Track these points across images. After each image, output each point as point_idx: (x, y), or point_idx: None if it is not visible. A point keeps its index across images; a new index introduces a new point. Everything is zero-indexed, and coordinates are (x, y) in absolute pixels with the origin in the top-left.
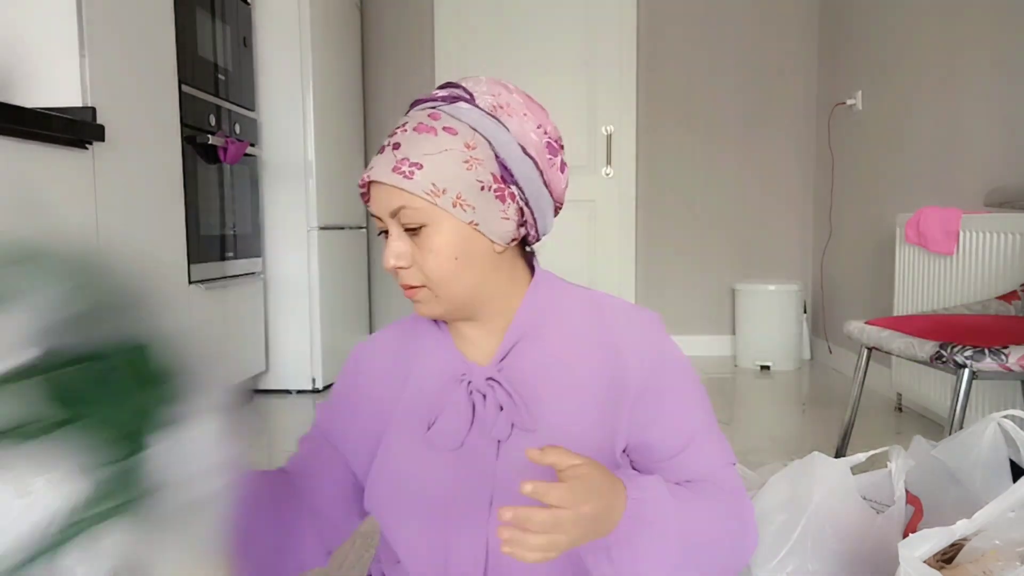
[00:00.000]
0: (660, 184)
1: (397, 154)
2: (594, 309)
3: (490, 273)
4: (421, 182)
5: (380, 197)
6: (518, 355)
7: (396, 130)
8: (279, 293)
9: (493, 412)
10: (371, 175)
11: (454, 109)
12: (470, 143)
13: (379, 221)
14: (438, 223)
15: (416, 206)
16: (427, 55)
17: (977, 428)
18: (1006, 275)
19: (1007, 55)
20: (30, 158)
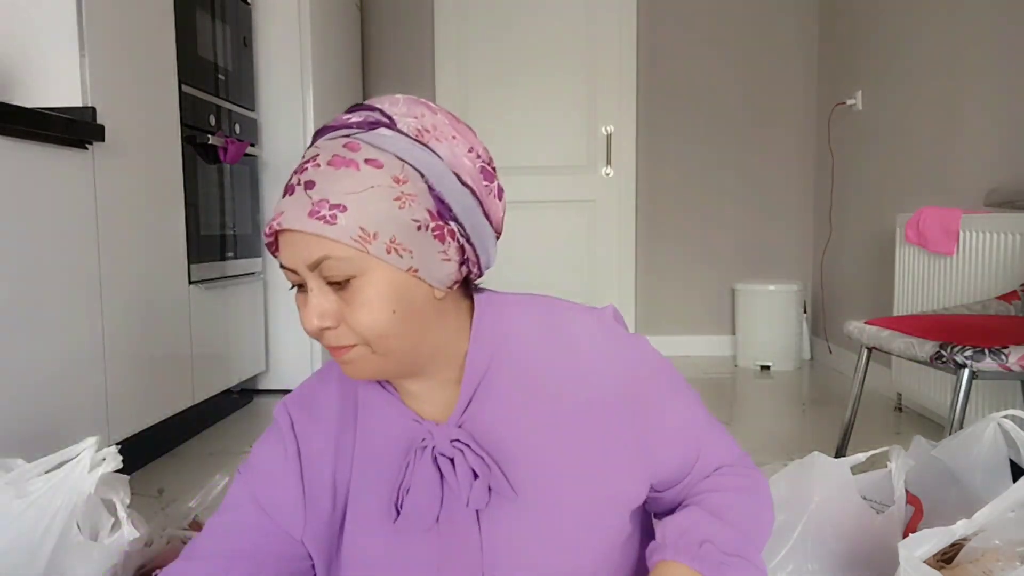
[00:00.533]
0: (660, 184)
1: (312, 195)
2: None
3: (433, 322)
4: (347, 227)
5: (295, 248)
6: (479, 406)
7: (305, 165)
8: (279, 293)
9: (466, 480)
10: (282, 223)
11: (374, 137)
12: (399, 176)
13: (292, 274)
14: (369, 273)
15: (342, 255)
16: (427, 55)
17: (977, 428)
18: (1006, 275)
19: (1007, 55)
20: (30, 158)
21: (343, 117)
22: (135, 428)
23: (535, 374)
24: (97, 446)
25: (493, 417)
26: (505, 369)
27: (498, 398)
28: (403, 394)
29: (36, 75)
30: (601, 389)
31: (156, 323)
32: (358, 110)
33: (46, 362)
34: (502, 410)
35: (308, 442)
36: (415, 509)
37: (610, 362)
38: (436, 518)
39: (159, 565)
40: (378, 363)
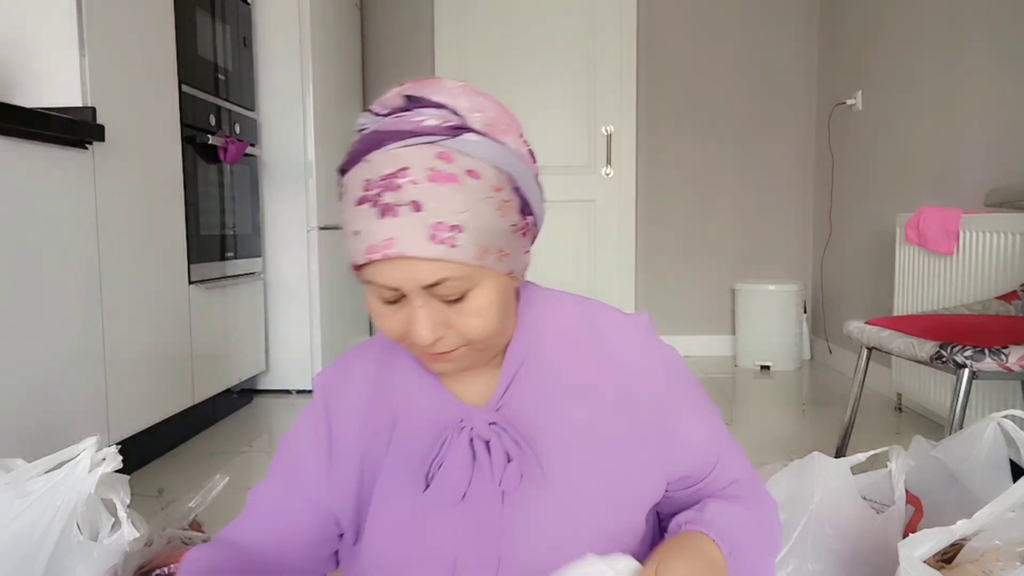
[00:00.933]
0: (660, 184)
1: (426, 217)
2: (584, 321)
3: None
4: (466, 247)
5: (407, 271)
6: (516, 392)
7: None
8: (279, 293)
9: (499, 461)
10: (404, 251)
11: (462, 144)
12: (496, 185)
13: (390, 292)
14: (482, 284)
15: (461, 275)
16: (427, 55)
17: (977, 428)
18: (1006, 275)
19: (1007, 55)
20: (30, 158)
21: (413, 119)
22: (135, 428)
23: (571, 368)
24: (97, 446)
25: (527, 404)
26: (543, 359)
27: (534, 387)
28: (442, 375)
29: (36, 75)
30: (633, 391)
31: (156, 323)
32: (419, 106)
33: (46, 362)
34: (537, 399)
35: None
36: (444, 483)
37: (643, 367)
38: (463, 495)
39: (159, 565)
40: (474, 357)
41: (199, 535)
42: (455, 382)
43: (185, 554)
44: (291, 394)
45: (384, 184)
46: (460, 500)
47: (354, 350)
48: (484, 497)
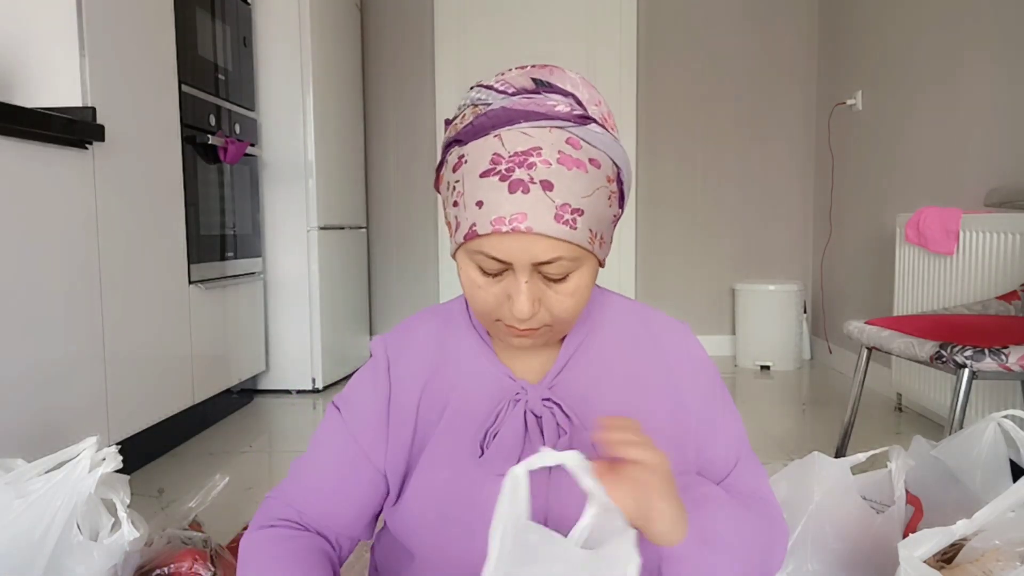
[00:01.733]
0: (660, 184)
1: (554, 197)
2: (638, 320)
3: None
4: (583, 231)
5: (526, 245)
6: (570, 372)
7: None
8: (279, 293)
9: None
10: (532, 226)
11: (587, 133)
12: (611, 176)
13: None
14: (583, 267)
15: (573, 256)
16: (427, 55)
17: (977, 428)
18: (1006, 275)
19: (1007, 55)
20: (30, 158)
21: (546, 103)
22: (135, 428)
23: (623, 356)
24: (97, 446)
25: (579, 385)
26: (597, 345)
27: (586, 370)
28: (501, 349)
29: (36, 75)
30: (679, 385)
31: (156, 323)
32: (551, 91)
33: (46, 362)
34: (589, 380)
35: (399, 384)
36: (499, 452)
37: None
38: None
39: (159, 565)
40: (552, 336)
41: (199, 535)
42: (512, 358)
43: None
44: (291, 394)
45: (516, 160)
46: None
47: (416, 317)
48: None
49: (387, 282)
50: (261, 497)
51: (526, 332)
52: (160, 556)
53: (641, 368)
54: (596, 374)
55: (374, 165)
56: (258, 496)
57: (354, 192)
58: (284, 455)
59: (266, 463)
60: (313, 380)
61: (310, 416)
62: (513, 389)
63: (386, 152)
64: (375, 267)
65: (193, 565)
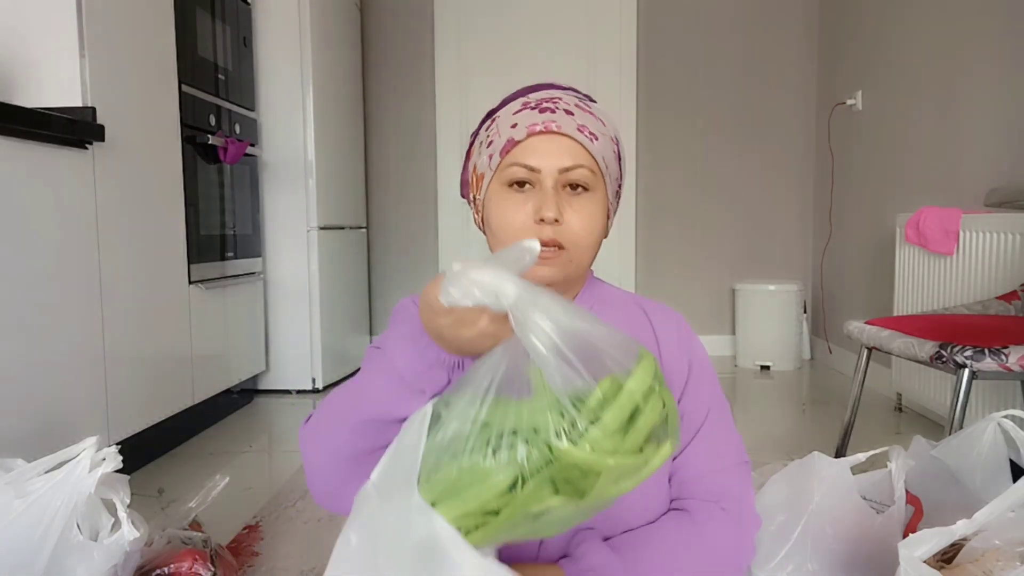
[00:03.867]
0: (660, 184)
1: (575, 119)
2: (636, 304)
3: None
4: (599, 150)
5: (556, 150)
6: None
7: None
8: (279, 293)
9: None
10: (560, 127)
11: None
12: (614, 139)
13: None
14: (596, 193)
15: (591, 168)
16: (427, 55)
17: (977, 428)
18: (1006, 275)
19: (1007, 55)
20: (30, 158)
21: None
22: (135, 428)
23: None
24: (97, 446)
25: None
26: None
27: None
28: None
29: (36, 75)
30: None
31: (156, 323)
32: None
33: (46, 362)
34: None
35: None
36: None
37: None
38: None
39: (159, 565)
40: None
41: (199, 535)
42: None
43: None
44: (291, 394)
45: (543, 100)
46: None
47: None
48: None
49: (387, 282)
50: (261, 497)
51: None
52: (160, 556)
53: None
54: None
55: (374, 165)
56: (258, 496)
57: (354, 192)
58: (284, 455)
59: (266, 463)
60: (313, 380)
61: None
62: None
63: (386, 152)
64: (375, 267)
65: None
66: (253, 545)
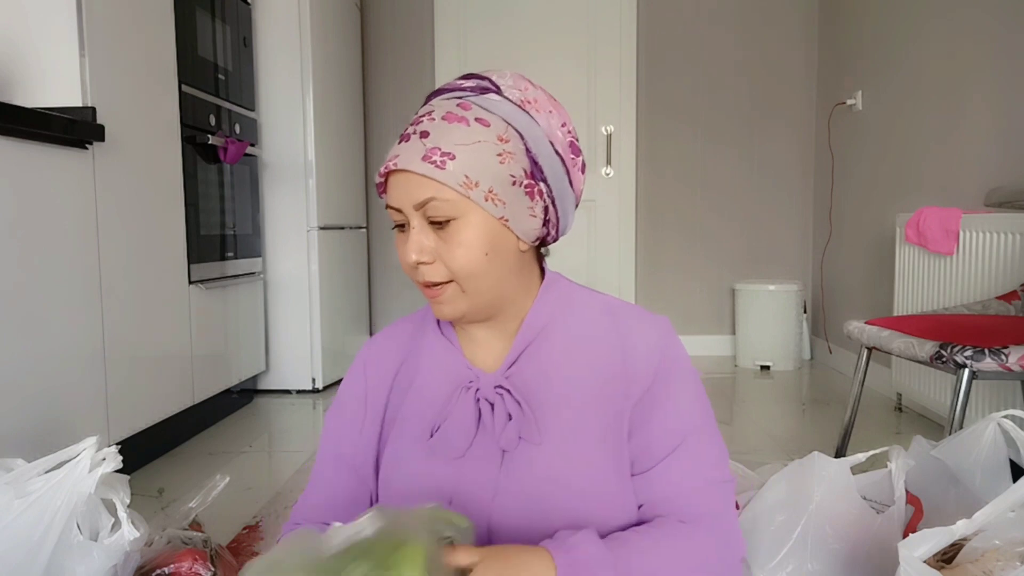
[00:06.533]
0: (660, 184)
1: (426, 143)
2: (606, 313)
3: (515, 272)
4: (454, 172)
5: (405, 188)
6: (527, 361)
7: (420, 118)
8: (279, 293)
9: (501, 422)
10: (398, 163)
11: (484, 100)
12: (503, 136)
13: (396, 214)
14: (468, 216)
15: (447, 198)
16: (427, 55)
17: (977, 428)
18: (1006, 275)
19: (1007, 55)
20: (30, 158)
21: (456, 82)
22: (135, 428)
23: (584, 346)
24: (97, 446)
25: (536, 375)
26: (558, 335)
27: (544, 359)
28: (464, 341)
29: (36, 75)
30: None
31: (156, 323)
32: (470, 78)
33: (46, 362)
34: (544, 371)
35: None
36: (447, 437)
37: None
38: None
39: (159, 565)
40: (466, 302)
41: (199, 535)
42: (475, 346)
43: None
44: (291, 394)
45: (412, 122)
46: (462, 455)
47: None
48: (484, 457)
49: (387, 282)
50: (261, 497)
51: (435, 292)
52: (160, 556)
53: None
54: (551, 364)
55: (374, 165)
56: (258, 496)
57: (354, 192)
58: (284, 455)
59: (266, 463)
60: (313, 380)
61: (310, 416)
62: (468, 377)
63: (386, 152)
64: (375, 267)
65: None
66: (253, 545)
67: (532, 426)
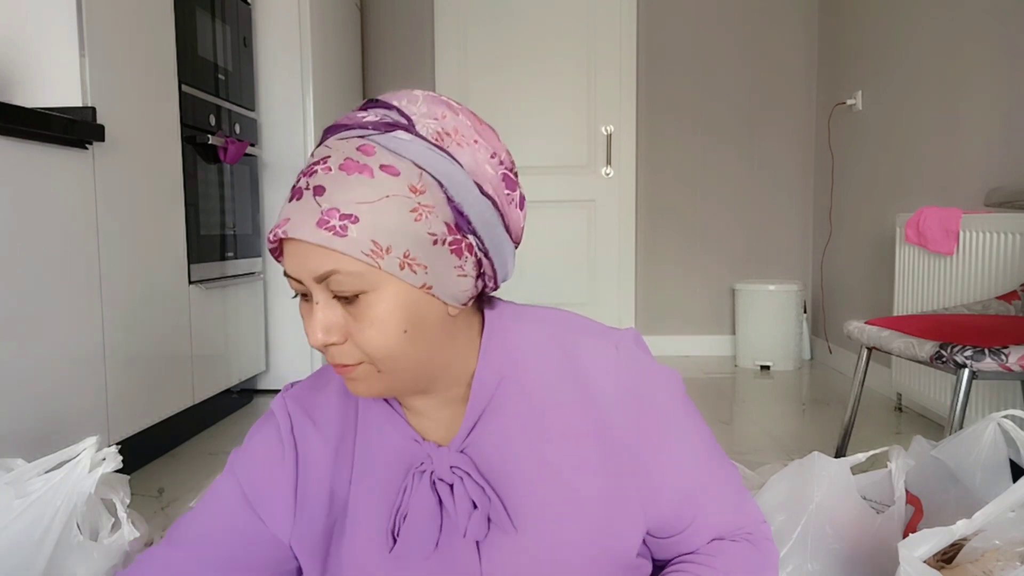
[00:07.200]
0: (660, 184)
1: (322, 202)
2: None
3: (445, 340)
4: (358, 240)
5: (301, 258)
6: (484, 429)
7: (314, 167)
8: (279, 293)
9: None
10: (288, 231)
11: (390, 140)
12: (416, 186)
13: (296, 283)
14: (380, 289)
15: (352, 270)
16: (427, 55)
17: (977, 428)
18: (1006, 275)
19: (1007, 55)
20: (30, 158)
21: (357, 115)
22: (135, 428)
23: (542, 400)
24: (97, 446)
25: (496, 443)
26: (512, 393)
27: (503, 423)
28: (407, 410)
29: (36, 75)
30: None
31: (156, 323)
32: (374, 107)
33: (46, 362)
34: (506, 436)
35: (307, 447)
36: (412, 537)
37: (618, 396)
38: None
39: None
40: (383, 382)
41: None
42: (418, 416)
43: None
44: None
45: (306, 171)
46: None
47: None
48: (458, 545)
49: None
50: None
51: (346, 371)
52: None
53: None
54: (514, 427)
55: None
56: None
57: None
58: None
59: None
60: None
61: None
62: (419, 457)
63: None
64: None
65: None
66: None
67: (501, 512)
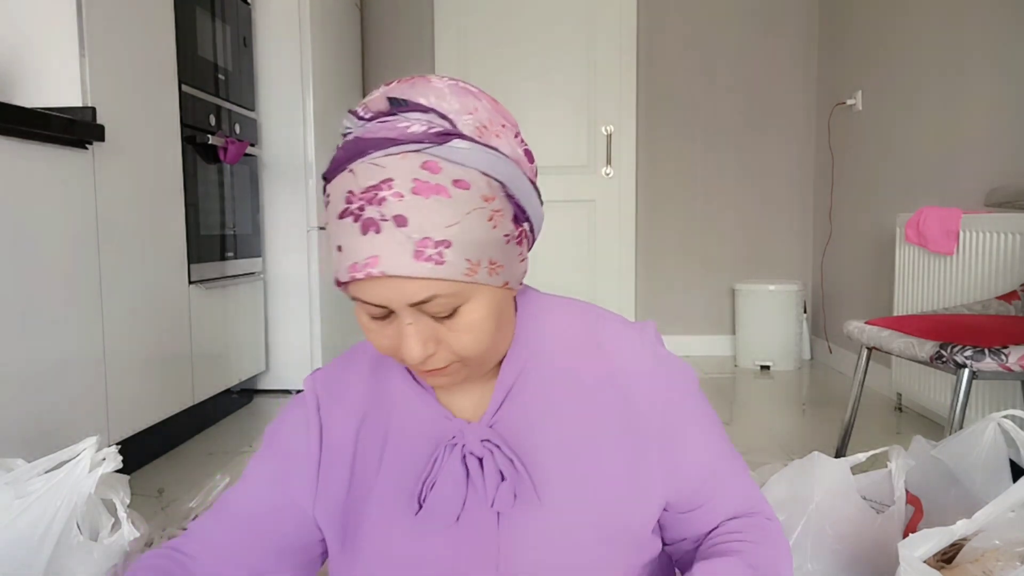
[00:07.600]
0: (660, 184)
1: (411, 233)
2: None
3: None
4: (455, 263)
5: (395, 289)
6: (512, 406)
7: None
8: (279, 293)
9: (492, 480)
10: (386, 270)
11: (450, 152)
12: (487, 195)
13: (378, 309)
14: (472, 299)
15: (450, 292)
16: (427, 55)
17: (977, 428)
18: (1006, 275)
19: (1007, 55)
20: (30, 158)
21: (398, 125)
22: (135, 428)
23: (570, 381)
24: (97, 446)
25: (524, 420)
26: (541, 372)
27: (531, 401)
28: (437, 388)
29: (36, 75)
30: (635, 404)
31: (156, 323)
32: (407, 110)
33: (46, 362)
34: (533, 414)
35: (331, 425)
36: (438, 504)
37: (647, 379)
38: (457, 516)
39: None
40: (466, 372)
41: None
42: (449, 395)
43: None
44: (291, 394)
45: (367, 197)
46: (455, 522)
47: (343, 356)
48: (479, 518)
49: None
50: None
51: (436, 372)
52: None
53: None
54: (542, 404)
55: None
56: None
57: None
58: None
59: None
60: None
61: None
62: (450, 431)
63: None
64: None
65: None
66: None
67: (527, 484)
